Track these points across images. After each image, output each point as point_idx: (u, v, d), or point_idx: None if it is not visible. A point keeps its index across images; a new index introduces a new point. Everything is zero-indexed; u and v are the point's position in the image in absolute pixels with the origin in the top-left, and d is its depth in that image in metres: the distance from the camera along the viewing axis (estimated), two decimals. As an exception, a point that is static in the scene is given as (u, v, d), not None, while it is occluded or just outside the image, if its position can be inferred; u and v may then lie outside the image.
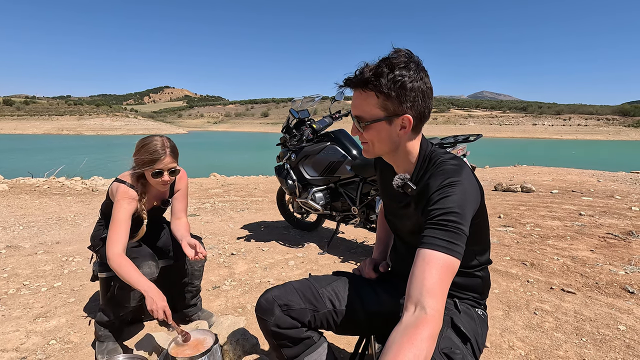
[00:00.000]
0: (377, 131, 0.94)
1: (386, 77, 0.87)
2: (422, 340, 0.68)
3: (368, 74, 0.89)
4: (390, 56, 0.91)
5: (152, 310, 1.38)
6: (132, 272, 1.45)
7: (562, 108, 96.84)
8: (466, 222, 0.83)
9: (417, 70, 0.90)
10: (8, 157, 23.41)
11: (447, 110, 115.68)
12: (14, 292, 2.27)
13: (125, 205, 1.56)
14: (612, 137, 64.33)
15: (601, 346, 1.72)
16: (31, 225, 3.89)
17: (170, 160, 1.59)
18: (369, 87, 0.90)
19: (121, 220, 1.54)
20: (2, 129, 70.41)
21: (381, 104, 0.90)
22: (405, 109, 0.91)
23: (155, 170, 1.56)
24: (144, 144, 1.58)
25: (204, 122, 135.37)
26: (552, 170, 8.91)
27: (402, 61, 0.89)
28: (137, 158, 1.58)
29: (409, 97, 0.89)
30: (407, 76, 0.88)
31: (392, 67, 0.88)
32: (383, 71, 0.88)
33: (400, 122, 0.92)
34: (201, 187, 6.64)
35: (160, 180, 1.59)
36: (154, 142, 1.57)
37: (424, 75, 0.91)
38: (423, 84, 0.91)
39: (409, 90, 0.89)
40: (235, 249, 3.07)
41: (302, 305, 1.06)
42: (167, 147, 1.58)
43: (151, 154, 1.54)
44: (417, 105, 0.91)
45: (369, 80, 0.89)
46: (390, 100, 0.89)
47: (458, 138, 2.44)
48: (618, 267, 2.61)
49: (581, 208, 4.43)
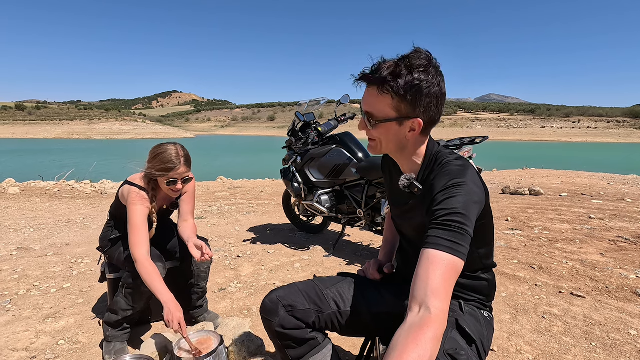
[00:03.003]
0: (386, 130, 0.93)
1: (404, 79, 0.86)
2: (426, 340, 0.68)
3: (386, 72, 0.87)
4: (410, 55, 0.88)
5: (169, 321, 1.40)
6: (156, 280, 1.47)
7: (572, 110, 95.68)
8: (470, 223, 0.82)
9: (435, 75, 0.88)
10: (20, 160, 23.85)
11: (454, 113, 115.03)
12: (24, 292, 2.31)
13: (141, 208, 1.58)
14: (622, 139, 63.32)
15: (611, 351, 1.69)
16: (41, 227, 3.95)
17: (184, 170, 1.61)
18: (385, 86, 0.87)
19: (140, 224, 1.56)
20: (15, 133, 71.76)
21: (395, 105, 0.89)
22: (418, 113, 0.90)
23: (170, 179, 1.58)
24: (158, 153, 1.59)
25: (211, 126, 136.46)
26: (561, 173, 8.80)
27: (422, 64, 0.86)
28: (152, 165, 1.59)
29: (423, 102, 0.88)
30: (425, 81, 0.86)
31: (412, 69, 0.86)
32: (402, 72, 0.86)
33: (411, 124, 0.91)
34: (208, 190, 6.70)
35: (174, 188, 1.62)
36: (169, 152, 1.58)
37: (441, 81, 0.90)
38: (439, 90, 0.89)
39: (424, 95, 0.87)
40: (241, 252, 3.08)
41: (307, 306, 1.06)
42: (182, 157, 1.59)
43: (166, 164, 1.56)
44: (430, 110, 0.90)
45: (386, 79, 0.87)
46: (404, 102, 0.88)
47: (464, 140, 2.42)
48: (629, 271, 2.56)
49: (591, 211, 4.36)
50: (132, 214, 1.56)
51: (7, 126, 79.63)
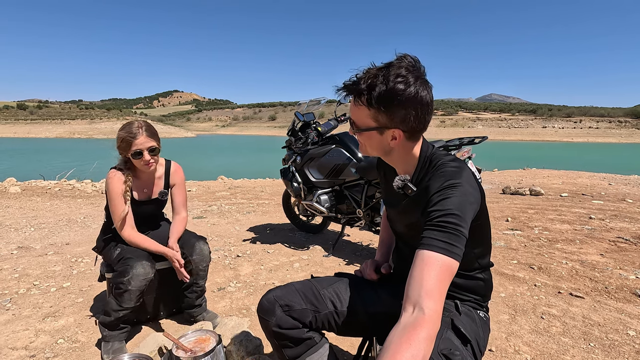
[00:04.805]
0: (368, 137, 0.97)
1: (377, 91, 0.86)
2: (419, 340, 0.68)
3: (363, 84, 0.88)
4: (391, 64, 0.88)
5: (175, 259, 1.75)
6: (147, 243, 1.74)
7: (573, 110, 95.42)
8: (466, 224, 0.83)
9: (416, 84, 0.86)
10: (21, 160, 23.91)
11: (455, 113, 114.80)
12: (24, 291, 2.32)
13: (114, 182, 1.68)
14: (624, 139, 63.12)
15: (610, 352, 1.69)
16: (42, 226, 3.97)
17: (145, 140, 1.66)
18: (360, 98, 0.90)
19: (115, 196, 1.67)
20: (16, 132, 71.98)
21: (372, 115, 0.91)
22: (396, 124, 0.91)
23: (133, 151, 1.64)
24: (120, 129, 1.69)
25: (212, 125, 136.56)
26: (562, 173, 8.78)
27: (399, 74, 0.86)
28: (118, 145, 1.68)
29: (399, 113, 0.88)
30: (400, 92, 0.85)
31: (388, 80, 0.86)
32: (376, 84, 0.86)
33: (391, 134, 0.93)
34: (208, 190, 6.70)
35: (142, 161, 1.67)
36: (129, 126, 1.68)
37: (423, 89, 0.88)
38: (418, 99, 0.87)
39: (399, 107, 0.87)
40: (240, 251, 3.09)
41: (304, 306, 1.07)
42: (142, 127, 1.68)
43: (127, 135, 1.64)
44: (408, 121, 0.90)
45: (361, 91, 0.89)
46: (380, 113, 0.89)
47: (463, 140, 2.42)
48: (628, 272, 2.56)
49: (591, 212, 4.36)
50: (107, 191, 1.68)
51: (8, 125, 79.89)
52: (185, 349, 1.36)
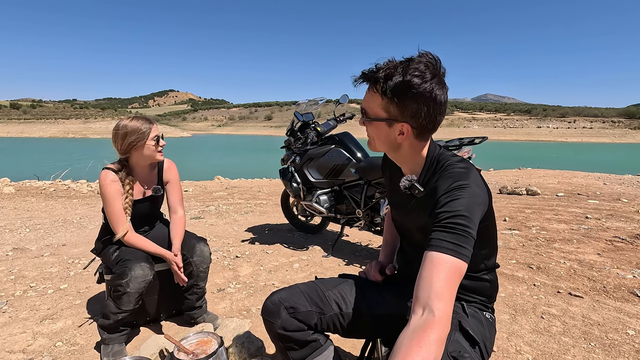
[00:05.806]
0: (376, 129, 0.96)
1: (394, 81, 0.87)
2: (430, 343, 0.68)
3: (380, 74, 0.89)
4: (413, 59, 0.89)
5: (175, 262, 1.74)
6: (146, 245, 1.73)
7: (567, 110, 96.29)
8: (474, 225, 0.82)
9: (432, 82, 0.87)
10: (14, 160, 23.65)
11: (450, 113, 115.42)
12: (20, 294, 2.28)
13: (110, 185, 1.66)
14: (617, 139, 63.80)
15: (610, 351, 1.70)
16: (37, 227, 3.92)
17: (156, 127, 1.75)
18: (376, 86, 0.90)
19: (111, 199, 1.66)
20: (9, 132, 71.22)
21: (384, 105, 0.91)
22: (406, 118, 0.90)
23: (155, 136, 1.71)
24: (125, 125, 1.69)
25: (208, 125, 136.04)
26: (557, 173, 8.85)
27: (418, 68, 0.86)
28: (126, 140, 1.67)
29: (411, 107, 0.88)
30: (415, 85, 0.86)
31: (405, 73, 0.86)
32: (394, 74, 0.87)
33: (400, 127, 0.92)
34: (205, 190, 6.67)
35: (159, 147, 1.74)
36: (134, 120, 1.70)
37: (438, 88, 0.88)
38: (432, 97, 0.87)
39: (412, 100, 0.87)
40: (239, 252, 3.07)
41: (309, 308, 1.06)
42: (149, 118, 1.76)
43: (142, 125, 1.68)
44: (419, 117, 0.89)
45: (378, 80, 0.89)
46: (393, 104, 0.89)
47: (463, 140, 2.43)
48: (626, 271, 2.58)
49: (587, 211, 4.39)
50: (102, 195, 1.67)
51: (1, 125, 79.05)
52: (187, 352, 1.35)
